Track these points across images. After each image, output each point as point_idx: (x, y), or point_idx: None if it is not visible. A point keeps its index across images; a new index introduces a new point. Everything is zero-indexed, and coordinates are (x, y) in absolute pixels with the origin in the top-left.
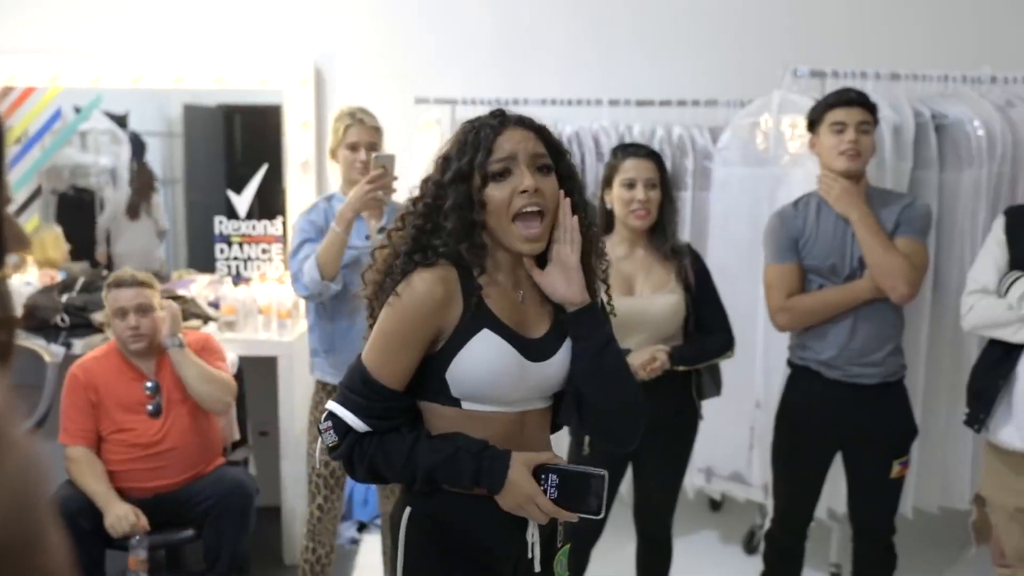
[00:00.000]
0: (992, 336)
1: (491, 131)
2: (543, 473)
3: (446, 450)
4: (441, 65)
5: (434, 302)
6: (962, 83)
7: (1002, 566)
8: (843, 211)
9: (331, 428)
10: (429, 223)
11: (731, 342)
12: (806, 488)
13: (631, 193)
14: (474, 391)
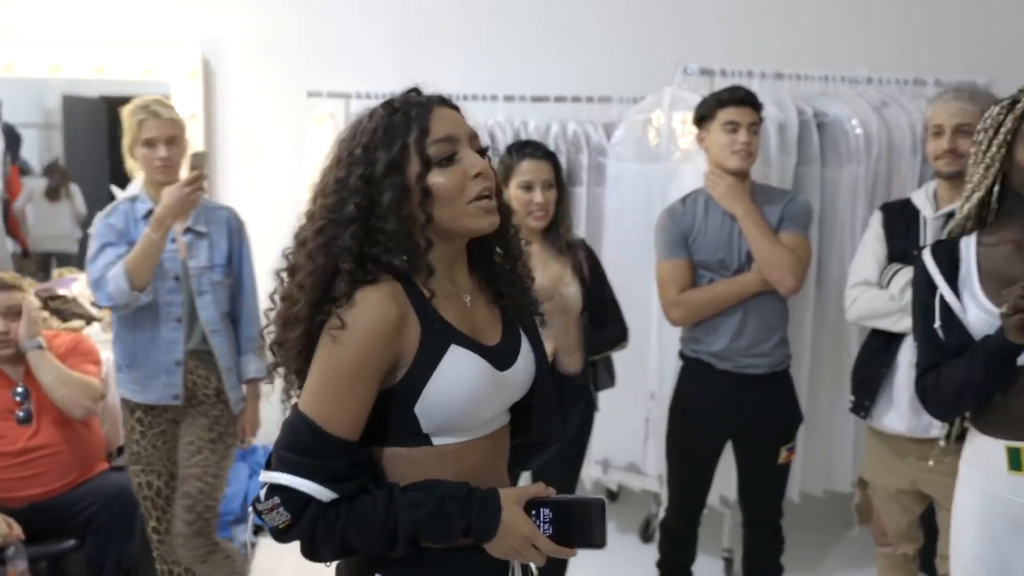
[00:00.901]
0: (875, 326)
1: (423, 110)
2: (534, 509)
3: (429, 502)
4: (335, 58)
5: (389, 325)
6: (841, 83)
7: (883, 545)
8: (729, 207)
9: (279, 505)
10: (362, 229)
11: (625, 334)
12: (698, 476)
13: (529, 195)
14: (450, 421)
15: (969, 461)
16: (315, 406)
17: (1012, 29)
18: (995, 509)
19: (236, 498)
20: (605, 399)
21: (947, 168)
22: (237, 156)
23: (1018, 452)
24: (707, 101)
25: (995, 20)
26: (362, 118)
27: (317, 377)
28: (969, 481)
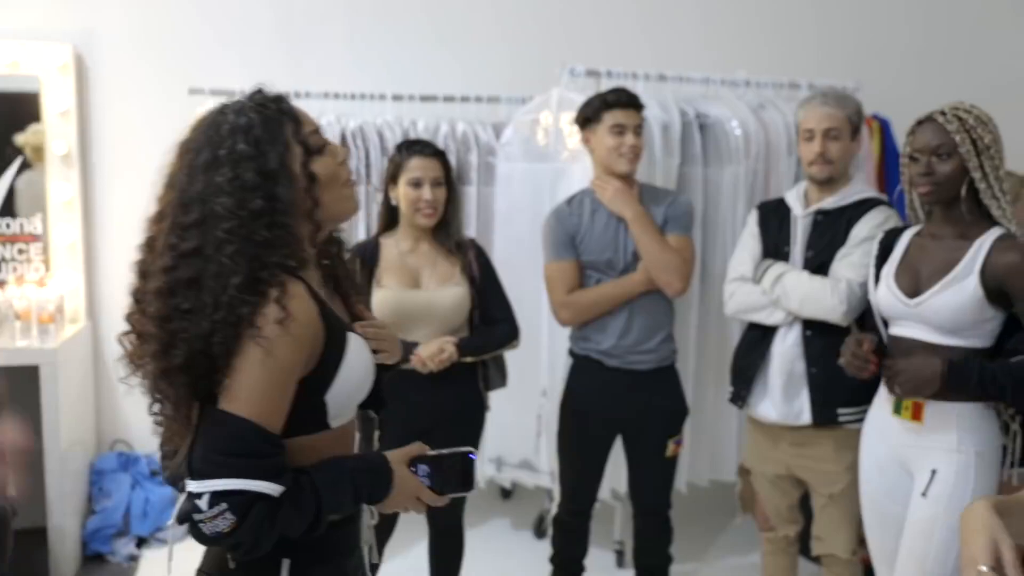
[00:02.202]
0: (751, 319)
1: (288, 105)
2: (413, 466)
3: (342, 479)
4: (217, 54)
5: (315, 319)
6: (721, 86)
7: (767, 530)
8: (617, 211)
9: (226, 511)
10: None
11: (516, 332)
12: (589, 471)
13: (418, 192)
14: (350, 403)
15: (873, 405)
16: (252, 406)
17: (879, 36)
18: (883, 444)
19: (118, 510)
20: (497, 398)
21: (819, 175)
22: (114, 155)
23: (900, 399)
24: (592, 103)
25: (864, 28)
26: (219, 119)
27: (250, 377)
28: (868, 422)
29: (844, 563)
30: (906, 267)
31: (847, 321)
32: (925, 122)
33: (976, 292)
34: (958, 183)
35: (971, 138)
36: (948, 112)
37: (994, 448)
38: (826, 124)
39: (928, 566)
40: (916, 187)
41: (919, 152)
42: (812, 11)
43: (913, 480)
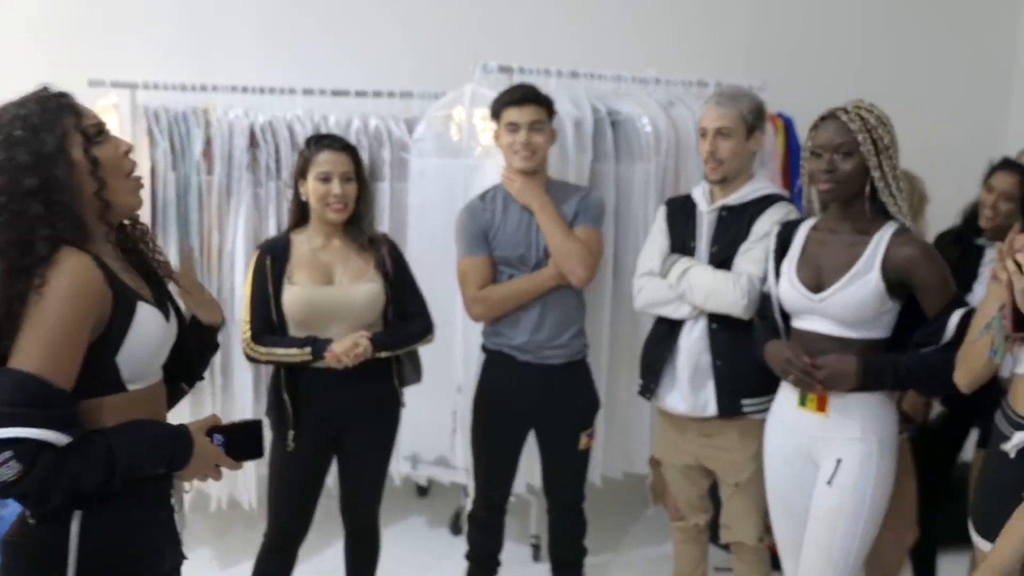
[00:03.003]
0: (658, 313)
1: (69, 99)
2: (210, 435)
3: (141, 440)
4: (119, 45)
5: (95, 281)
6: (632, 83)
7: (678, 519)
8: (525, 202)
9: (11, 459)
10: (44, 200)
11: (430, 328)
12: (503, 466)
13: (326, 187)
14: (144, 367)
15: (777, 398)
16: (36, 360)
17: (785, 36)
18: (789, 436)
19: None
20: (412, 394)
21: (711, 173)
22: None
23: (805, 392)
24: (495, 101)
25: (770, 27)
26: (2, 111)
27: (34, 335)
28: (773, 415)
29: (751, 550)
30: (806, 262)
31: (748, 315)
32: (828, 119)
33: (878, 286)
34: (859, 181)
35: (872, 138)
36: (851, 110)
37: (893, 435)
38: (717, 124)
39: (833, 554)
40: (818, 183)
41: (821, 148)
42: (721, 11)
43: (818, 470)
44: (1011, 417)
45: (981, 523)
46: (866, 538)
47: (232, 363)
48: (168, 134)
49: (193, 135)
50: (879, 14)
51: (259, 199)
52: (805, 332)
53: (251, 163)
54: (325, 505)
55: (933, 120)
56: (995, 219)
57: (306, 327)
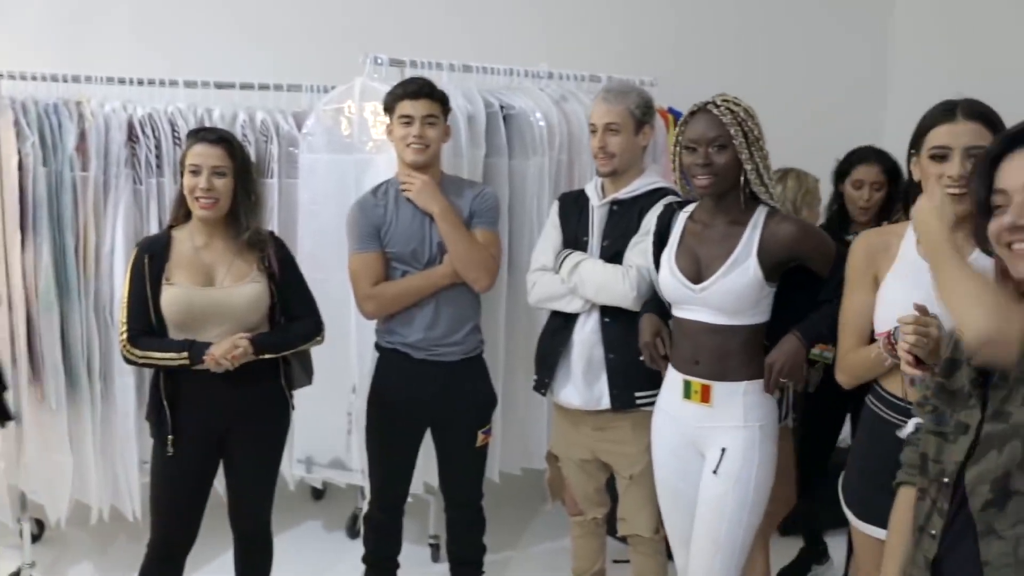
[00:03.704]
0: (552, 308)
1: None
2: None
3: None
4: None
5: None
6: (525, 77)
7: (576, 514)
8: (424, 205)
9: None
10: None
11: (319, 328)
12: (400, 466)
13: (195, 181)
14: None
15: (662, 391)
16: None
17: (676, 32)
18: (675, 427)
19: None
20: (304, 396)
21: (601, 168)
22: None
23: (689, 384)
24: (388, 94)
25: (661, 23)
26: None
27: None
28: (659, 407)
29: (648, 541)
30: (685, 252)
31: (638, 306)
32: (699, 113)
33: (756, 274)
34: (734, 173)
35: (743, 130)
36: (721, 104)
37: (773, 420)
38: (606, 119)
39: (721, 541)
40: (695, 177)
41: (695, 143)
42: (612, 6)
43: (704, 460)
44: (891, 400)
45: (857, 504)
46: (752, 524)
47: (112, 367)
48: (38, 127)
49: (65, 128)
50: (762, 10)
51: (139, 196)
52: (687, 321)
53: (130, 158)
54: (215, 511)
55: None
56: (870, 210)
57: (185, 329)
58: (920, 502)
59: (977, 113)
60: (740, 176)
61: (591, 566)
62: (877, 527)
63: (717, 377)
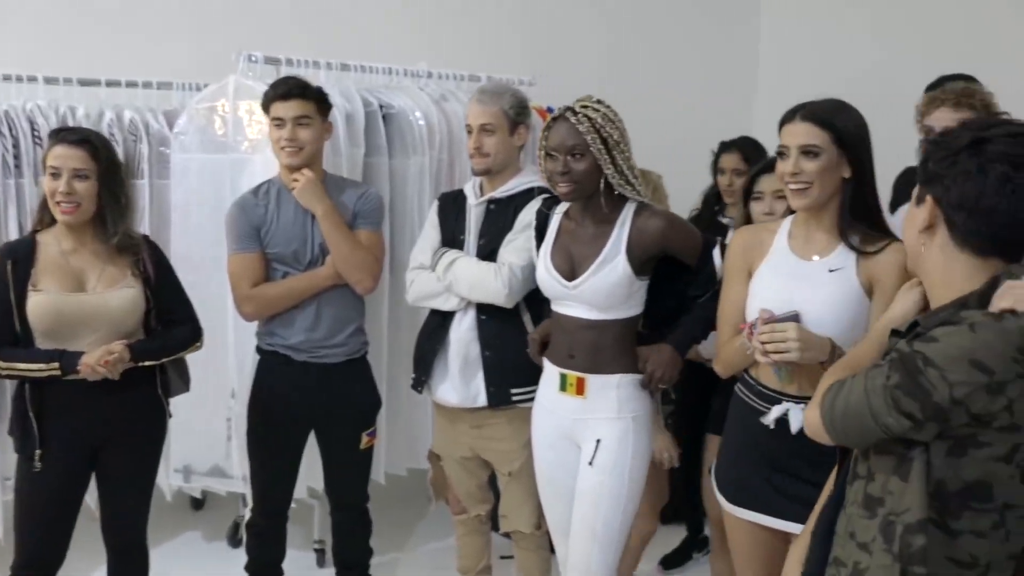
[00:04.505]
0: (429, 306)
1: None
2: None
3: None
4: None
5: None
6: (404, 76)
7: (459, 512)
8: (307, 205)
9: None
10: None
11: (198, 334)
12: (282, 471)
13: (55, 184)
14: None
15: (540, 385)
16: None
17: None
18: (552, 420)
19: None
20: (181, 404)
21: (478, 168)
22: None
23: (565, 377)
24: (263, 96)
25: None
26: None
27: None
28: (537, 401)
29: (530, 537)
30: (560, 250)
31: (511, 303)
32: (559, 120)
33: (626, 269)
34: (595, 179)
35: (601, 136)
36: (579, 111)
37: (646, 412)
38: (480, 120)
39: (599, 532)
40: (556, 185)
41: (555, 151)
42: (492, 6)
43: (580, 452)
44: (757, 388)
45: (729, 489)
46: (628, 513)
47: None
48: None
49: None
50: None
51: None
52: (564, 316)
53: None
54: (87, 525)
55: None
56: (734, 193)
57: (54, 337)
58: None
59: (813, 115)
60: (602, 180)
61: (476, 564)
62: (748, 510)
63: (591, 370)
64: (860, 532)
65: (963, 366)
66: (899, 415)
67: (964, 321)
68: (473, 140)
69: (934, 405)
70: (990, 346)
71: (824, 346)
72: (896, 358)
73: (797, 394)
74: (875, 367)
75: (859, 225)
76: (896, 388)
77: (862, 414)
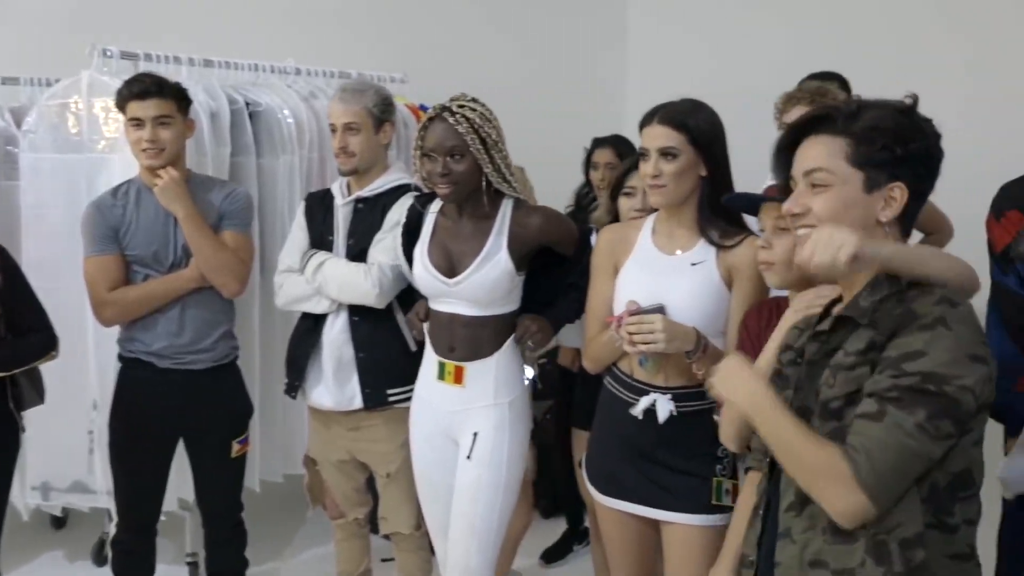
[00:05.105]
0: (301, 309)
1: None
2: None
3: None
4: None
5: None
6: (271, 73)
7: (337, 517)
8: (168, 206)
9: None
10: None
11: (53, 343)
12: (149, 483)
13: None
14: None
15: (419, 376)
16: None
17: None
18: (430, 416)
19: None
20: (36, 417)
21: (343, 168)
22: None
23: (443, 365)
24: (116, 94)
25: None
26: None
27: None
28: (416, 395)
29: (409, 538)
30: (437, 247)
31: (382, 304)
32: (436, 120)
33: (507, 266)
34: (475, 178)
35: (480, 136)
36: (456, 111)
37: (522, 398)
38: (344, 119)
39: (477, 525)
40: (436, 186)
41: (433, 151)
42: (361, 2)
43: (458, 447)
44: (624, 380)
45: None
46: (507, 506)
47: None
48: None
49: None
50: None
51: None
52: (443, 313)
53: None
54: None
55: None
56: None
57: None
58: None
59: (669, 117)
60: (481, 179)
61: (356, 568)
62: (618, 500)
63: (470, 359)
64: (833, 560)
65: (967, 365)
66: (943, 440)
67: (924, 318)
68: (338, 140)
69: (965, 414)
70: (970, 335)
71: (689, 335)
72: (898, 396)
73: (664, 385)
74: (881, 418)
75: (717, 221)
76: (929, 420)
77: (912, 462)
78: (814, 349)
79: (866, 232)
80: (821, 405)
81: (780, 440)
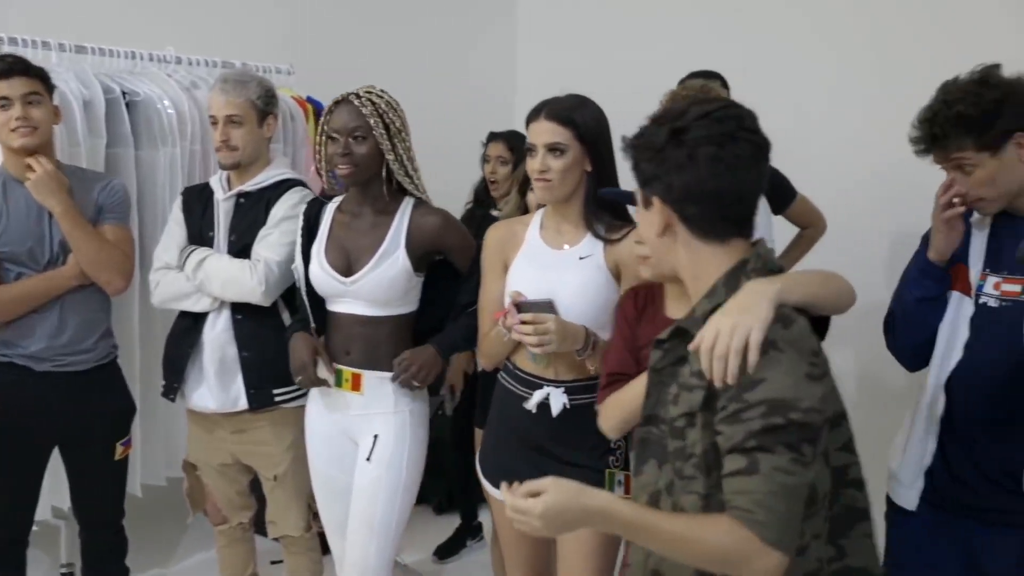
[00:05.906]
0: (179, 308)
1: None
2: None
3: None
4: None
5: None
6: (150, 62)
7: (220, 522)
8: (42, 200)
9: None
10: None
11: None
12: (22, 491)
13: None
14: None
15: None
16: None
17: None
18: (328, 417)
19: None
20: None
21: (225, 162)
22: None
23: (341, 372)
24: None
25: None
26: None
27: None
28: (312, 398)
29: (299, 540)
30: (334, 245)
31: (268, 301)
32: (342, 103)
33: (405, 264)
34: (376, 163)
35: (384, 122)
36: (363, 95)
37: (423, 405)
38: (226, 111)
39: (376, 525)
40: (336, 167)
41: (337, 132)
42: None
43: (358, 448)
44: (517, 374)
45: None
46: (405, 506)
47: None
48: None
49: None
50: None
51: None
52: (339, 315)
53: None
54: None
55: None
56: (498, 183)
57: None
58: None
59: (555, 113)
60: (383, 167)
61: (242, 573)
62: None
63: (367, 366)
64: (668, 572)
65: (806, 386)
66: (812, 463)
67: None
68: (219, 133)
69: (817, 432)
70: (800, 356)
71: (579, 335)
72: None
73: (555, 378)
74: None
75: (603, 215)
76: (793, 450)
77: (797, 496)
78: (658, 357)
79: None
80: (669, 422)
81: (667, 544)
